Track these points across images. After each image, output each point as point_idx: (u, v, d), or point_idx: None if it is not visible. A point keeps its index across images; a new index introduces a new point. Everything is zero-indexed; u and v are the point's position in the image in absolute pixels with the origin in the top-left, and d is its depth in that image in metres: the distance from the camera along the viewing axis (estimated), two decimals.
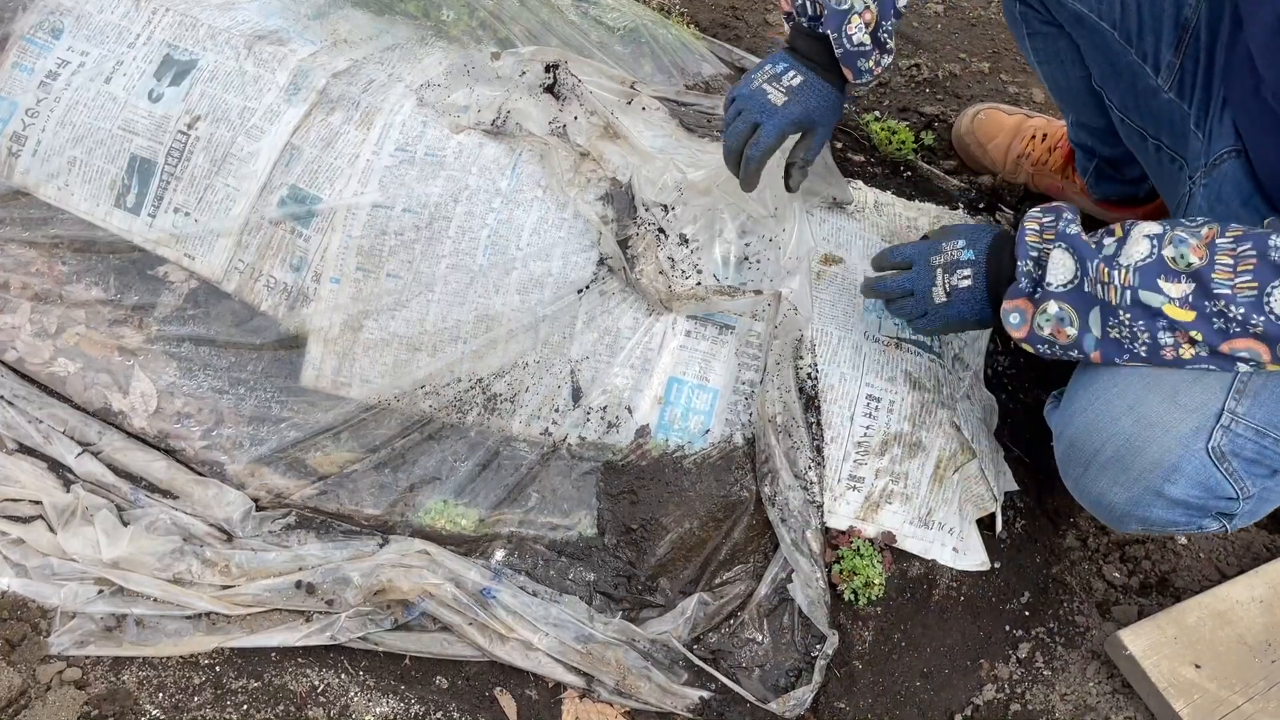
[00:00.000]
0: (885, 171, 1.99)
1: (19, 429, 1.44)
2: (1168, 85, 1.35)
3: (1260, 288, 1.05)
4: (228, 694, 1.32)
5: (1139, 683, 1.43)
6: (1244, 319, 1.06)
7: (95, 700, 1.29)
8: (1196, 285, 1.08)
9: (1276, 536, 1.65)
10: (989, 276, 1.29)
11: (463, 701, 1.35)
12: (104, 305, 1.51)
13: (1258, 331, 1.07)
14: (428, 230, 1.50)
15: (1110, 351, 1.18)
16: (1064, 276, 1.18)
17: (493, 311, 1.50)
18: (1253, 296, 1.05)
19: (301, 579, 1.35)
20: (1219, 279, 1.07)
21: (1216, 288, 1.07)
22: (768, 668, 1.39)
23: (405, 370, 1.49)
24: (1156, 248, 1.11)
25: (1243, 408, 1.20)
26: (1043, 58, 1.61)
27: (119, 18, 1.57)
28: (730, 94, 1.44)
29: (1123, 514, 1.26)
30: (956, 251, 1.33)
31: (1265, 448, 1.21)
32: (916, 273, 1.37)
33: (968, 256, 1.31)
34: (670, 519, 1.45)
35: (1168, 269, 1.10)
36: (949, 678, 1.47)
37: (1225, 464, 1.20)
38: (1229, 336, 1.09)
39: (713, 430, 1.49)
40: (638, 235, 1.49)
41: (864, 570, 1.45)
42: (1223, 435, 1.19)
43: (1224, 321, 1.08)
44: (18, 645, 1.33)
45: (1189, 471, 1.20)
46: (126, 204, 1.52)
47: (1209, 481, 1.20)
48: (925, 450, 1.53)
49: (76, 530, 1.37)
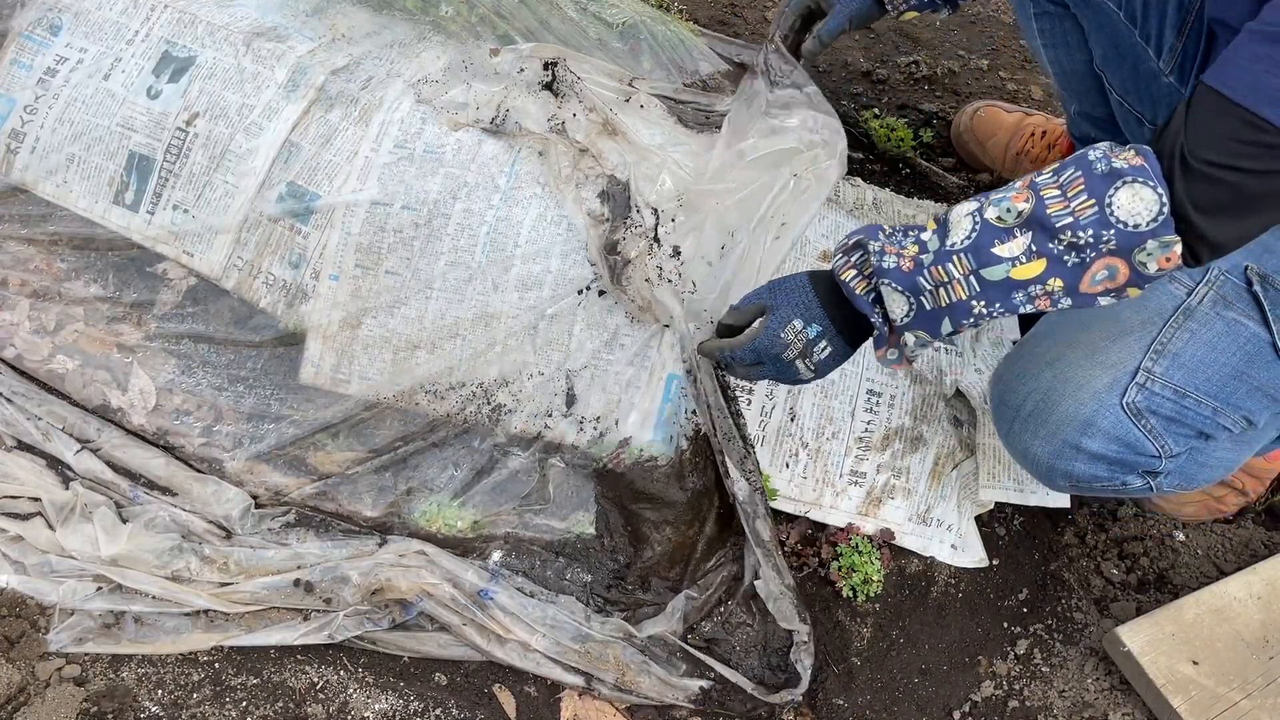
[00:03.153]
0: (884, 169, 1.99)
1: (18, 426, 1.44)
2: (1168, 69, 1.36)
3: (1099, 201, 1.01)
4: (227, 691, 1.32)
5: (1137, 679, 1.44)
6: (1095, 239, 1.01)
7: (94, 697, 1.30)
8: (1035, 230, 1.04)
9: (1274, 534, 1.66)
10: (842, 333, 1.23)
11: (461, 698, 1.35)
12: (103, 302, 1.51)
13: (1111, 248, 1.02)
14: (427, 228, 1.50)
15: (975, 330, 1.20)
16: (902, 310, 1.13)
17: (492, 309, 1.50)
18: (1094, 214, 1.01)
19: (300, 577, 1.35)
20: (1055, 212, 1.02)
21: (1057, 220, 1.02)
22: (763, 648, 1.39)
23: (404, 368, 1.49)
24: (979, 217, 1.07)
25: (1160, 367, 1.23)
26: (1048, 40, 1.62)
27: (117, 14, 1.57)
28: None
29: (1048, 468, 1.29)
30: (800, 335, 1.22)
31: (1186, 408, 1.23)
32: (774, 369, 1.26)
33: (815, 332, 1.22)
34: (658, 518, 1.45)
35: (998, 230, 1.05)
36: (947, 674, 1.47)
37: (1143, 421, 1.23)
38: (1085, 266, 1.03)
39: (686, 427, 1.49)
40: (627, 240, 1.48)
41: (863, 567, 1.46)
42: (1138, 392, 1.22)
43: (1077, 253, 1.03)
44: (17, 642, 1.33)
45: (1104, 426, 1.23)
46: (125, 201, 1.52)
47: (1126, 437, 1.23)
48: (926, 444, 1.53)
49: (75, 527, 1.37)
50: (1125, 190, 1.00)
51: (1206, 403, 1.24)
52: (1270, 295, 1.22)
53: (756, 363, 1.26)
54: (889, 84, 2.22)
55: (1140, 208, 0.99)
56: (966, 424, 1.57)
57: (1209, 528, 1.65)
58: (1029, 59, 2.35)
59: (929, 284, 1.09)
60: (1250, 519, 1.68)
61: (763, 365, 1.25)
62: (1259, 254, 1.24)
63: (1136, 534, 1.63)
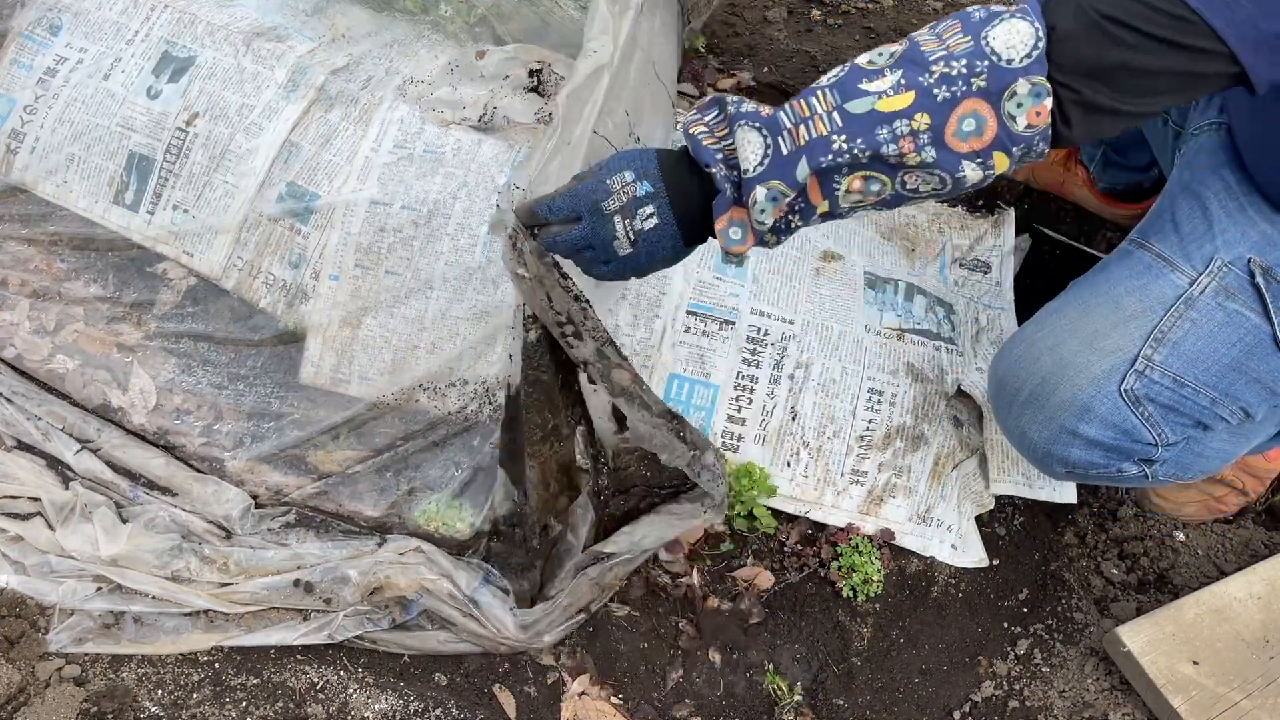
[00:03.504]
0: None
1: (18, 426, 1.44)
2: None
3: (974, 36, 0.96)
4: (227, 691, 1.32)
5: (1137, 679, 1.44)
6: (968, 69, 0.96)
7: (94, 697, 1.29)
8: (906, 66, 0.98)
9: (1275, 534, 1.66)
10: (675, 204, 1.07)
11: (462, 698, 1.35)
12: (102, 302, 1.51)
13: (980, 85, 0.96)
14: (426, 227, 1.50)
15: (825, 182, 1.03)
16: (757, 154, 1.01)
17: (491, 308, 1.50)
18: (969, 46, 0.96)
19: (300, 577, 1.35)
20: (928, 49, 0.98)
21: (931, 55, 0.97)
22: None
23: (404, 367, 1.49)
24: (850, 61, 1.01)
25: (1159, 355, 1.23)
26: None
27: (117, 14, 1.57)
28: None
29: (1044, 453, 1.30)
30: (628, 188, 1.06)
31: (1185, 397, 1.24)
32: (590, 224, 1.08)
33: (644, 190, 1.06)
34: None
35: (867, 71, 0.99)
36: (947, 674, 1.47)
37: (1140, 408, 1.23)
38: (955, 103, 0.96)
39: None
40: None
41: (863, 567, 1.46)
42: (1136, 379, 1.23)
43: (948, 86, 0.96)
44: (17, 642, 1.33)
45: (1101, 412, 1.23)
46: (125, 201, 1.52)
47: (1124, 424, 1.24)
48: (927, 443, 1.54)
49: (75, 527, 1.37)
50: (1003, 25, 0.96)
51: (1205, 392, 1.24)
52: (1272, 288, 1.22)
53: (574, 217, 1.08)
54: None
55: (1016, 40, 0.95)
56: (967, 424, 1.57)
57: (1209, 528, 1.65)
58: None
59: (789, 120, 1.01)
60: (1250, 519, 1.68)
61: (580, 221, 1.08)
62: (1262, 247, 1.24)
63: (1136, 534, 1.63)
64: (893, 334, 1.58)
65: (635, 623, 1.43)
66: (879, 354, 1.57)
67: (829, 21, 2.36)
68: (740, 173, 1.02)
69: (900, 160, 0.99)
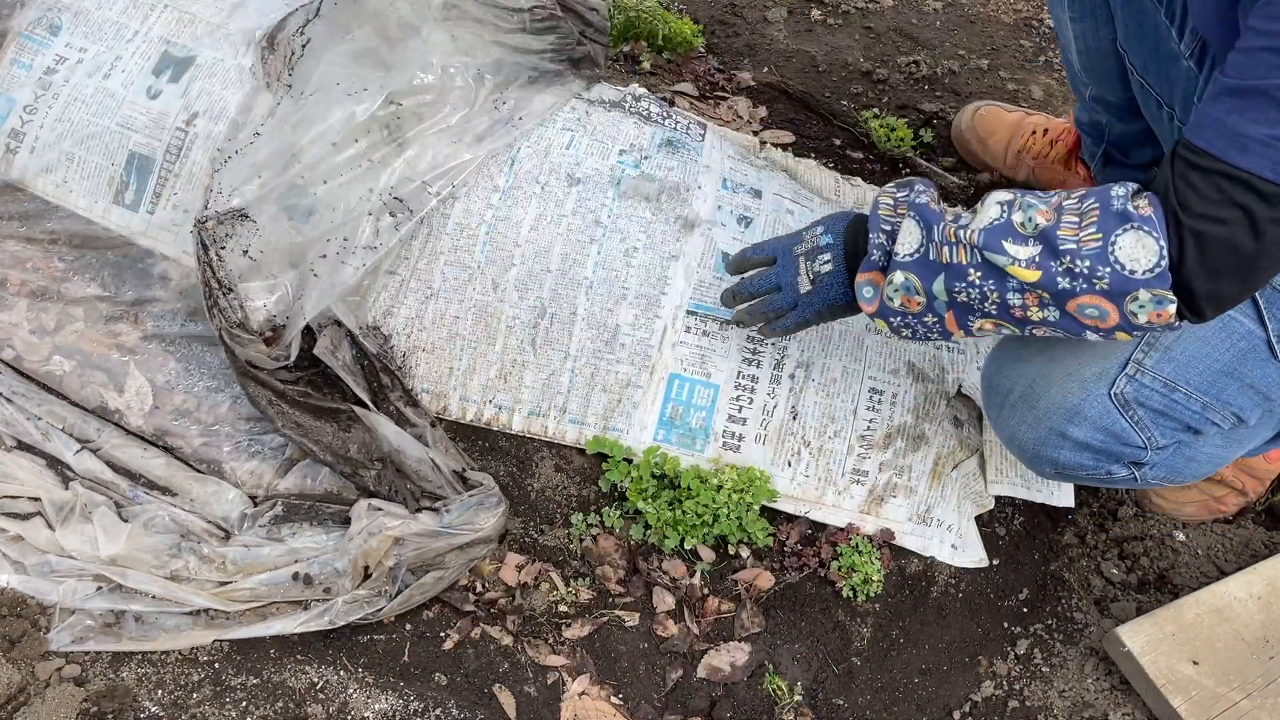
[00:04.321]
0: (884, 168, 1.99)
1: (17, 426, 1.43)
2: (1188, 53, 1.35)
3: (1104, 238, 1.02)
4: (227, 690, 1.32)
5: (1137, 679, 1.44)
6: (1090, 271, 1.03)
7: (94, 697, 1.29)
8: (1043, 246, 1.06)
9: (1275, 534, 1.66)
10: (848, 258, 1.29)
11: (461, 698, 1.35)
12: (101, 302, 1.51)
13: (1103, 286, 1.03)
14: (426, 227, 1.50)
15: (961, 315, 1.17)
16: (911, 245, 1.17)
17: (491, 308, 1.50)
18: (1098, 247, 1.03)
19: (299, 570, 1.35)
20: (1064, 235, 1.04)
21: (1062, 244, 1.04)
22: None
23: (403, 368, 1.49)
24: (1006, 213, 1.10)
25: (1150, 360, 1.23)
26: (1077, 14, 1.60)
27: (117, 14, 1.57)
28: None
29: (1033, 454, 1.30)
30: (816, 238, 1.31)
31: (1175, 402, 1.23)
32: (781, 265, 1.34)
33: (826, 241, 1.30)
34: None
35: (1015, 232, 1.08)
36: (947, 674, 1.47)
37: (1130, 411, 1.23)
38: (1074, 295, 1.06)
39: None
40: None
41: (863, 567, 1.46)
42: (1126, 383, 1.23)
43: (1070, 280, 1.05)
44: (17, 642, 1.32)
45: (1091, 415, 1.23)
46: (125, 201, 1.52)
47: (1113, 427, 1.24)
48: (928, 443, 1.53)
49: (75, 527, 1.37)
50: (1131, 234, 1.01)
51: (1196, 397, 1.24)
52: (1267, 294, 1.22)
53: (771, 259, 1.36)
54: (889, 84, 2.22)
55: (1141, 254, 1.01)
56: (967, 423, 1.57)
57: (1209, 528, 1.65)
58: (1029, 59, 2.35)
59: (938, 236, 1.13)
60: (1250, 519, 1.68)
61: (775, 262, 1.35)
62: None
63: (1136, 534, 1.63)
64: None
65: (635, 623, 1.43)
66: (880, 353, 1.57)
67: (829, 21, 2.36)
68: (894, 252, 1.18)
69: (1025, 315, 1.11)
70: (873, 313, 1.25)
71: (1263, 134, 0.95)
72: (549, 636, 1.41)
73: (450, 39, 1.52)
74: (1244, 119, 0.96)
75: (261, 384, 1.40)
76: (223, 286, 1.39)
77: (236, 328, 1.38)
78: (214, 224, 1.39)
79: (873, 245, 1.22)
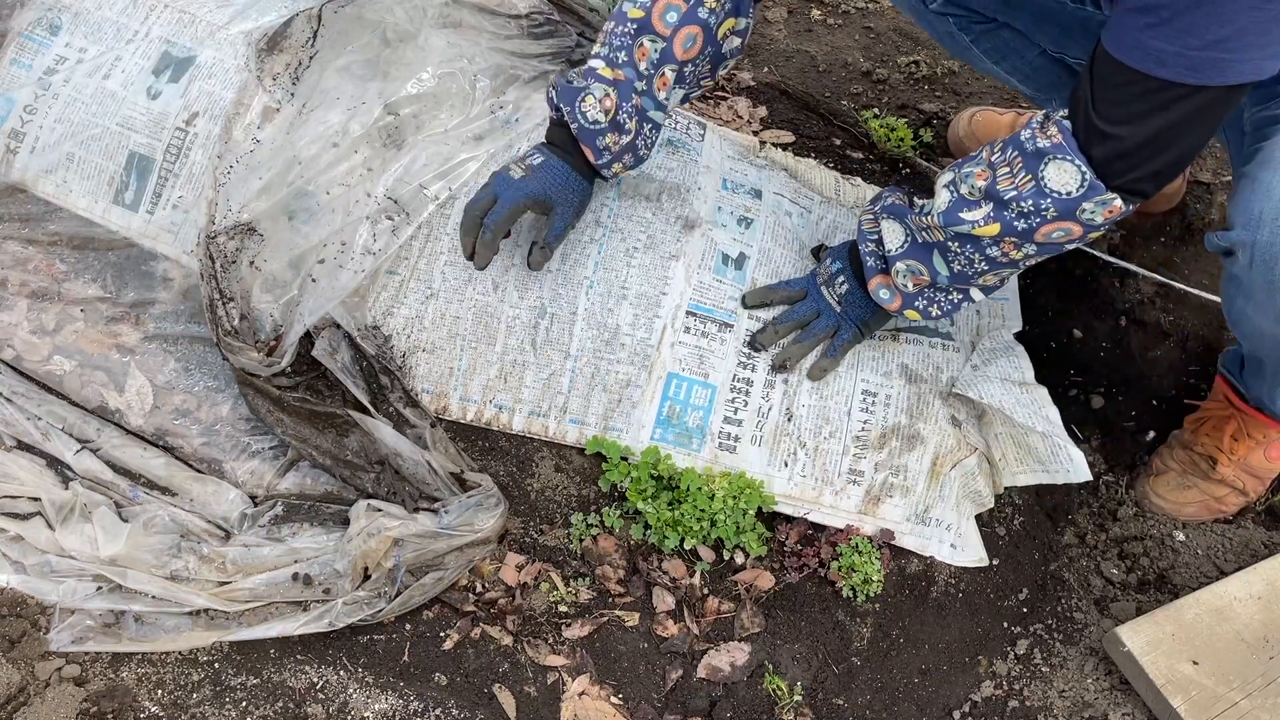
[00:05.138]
0: (884, 169, 1.99)
1: (17, 426, 1.44)
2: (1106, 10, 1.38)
3: (1033, 177, 1.17)
4: (227, 691, 1.32)
5: (1137, 679, 1.44)
6: (1036, 208, 1.18)
7: (94, 697, 1.29)
8: (993, 202, 1.22)
9: (1275, 534, 1.66)
10: (856, 275, 1.47)
11: (461, 698, 1.35)
12: (102, 302, 1.51)
13: (1053, 214, 1.18)
14: (426, 226, 1.50)
15: (962, 280, 1.34)
16: (898, 240, 1.37)
17: (491, 308, 1.50)
18: (1032, 187, 1.18)
19: (299, 570, 1.35)
20: (1003, 187, 1.20)
21: (1005, 194, 1.20)
22: None
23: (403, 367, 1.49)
24: (954, 191, 1.26)
25: None
26: (995, 56, 1.65)
27: (117, 14, 1.57)
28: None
29: None
30: (828, 269, 1.51)
31: None
32: (812, 297, 1.53)
33: (837, 267, 1.50)
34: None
35: (967, 202, 1.25)
36: (947, 674, 1.47)
37: None
38: (1035, 229, 1.21)
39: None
40: None
41: (862, 567, 1.46)
42: None
43: (1025, 220, 1.20)
44: (17, 642, 1.33)
45: None
46: (125, 201, 1.52)
47: None
48: (924, 442, 1.53)
49: (75, 527, 1.37)
50: (1052, 166, 1.16)
51: None
52: None
53: (803, 293, 1.54)
54: (889, 84, 2.22)
55: (1066, 179, 1.16)
56: (965, 423, 1.57)
57: (1209, 527, 1.65)
58: None
59: (913, 224, 1.33)
60: (1250, 519, 1.68)
61: (808, 296, 1.53)
62: None
63: (1136, 534, 1.63)
64: (887, 335, 1.58)
65: (635, 623, 1.43)
66: (872, 356, 1.57)
67: (829, 21, 2.36)
68: (885, 251, 1.38)
69: (1010, 258, 1.28)
70: (899, 307, 1.42)
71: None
72: (549, 636, 1.41)
73: (448, 45, 1.53)
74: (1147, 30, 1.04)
75: (259, 391, 1.41)
76: (223, 296, 1.40)
77: (230, 335, 1.39)
78: (224, 239, 1.40)
79: (865, 255, 1.42)
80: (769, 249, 1.61)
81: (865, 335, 1.52)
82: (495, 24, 1.57)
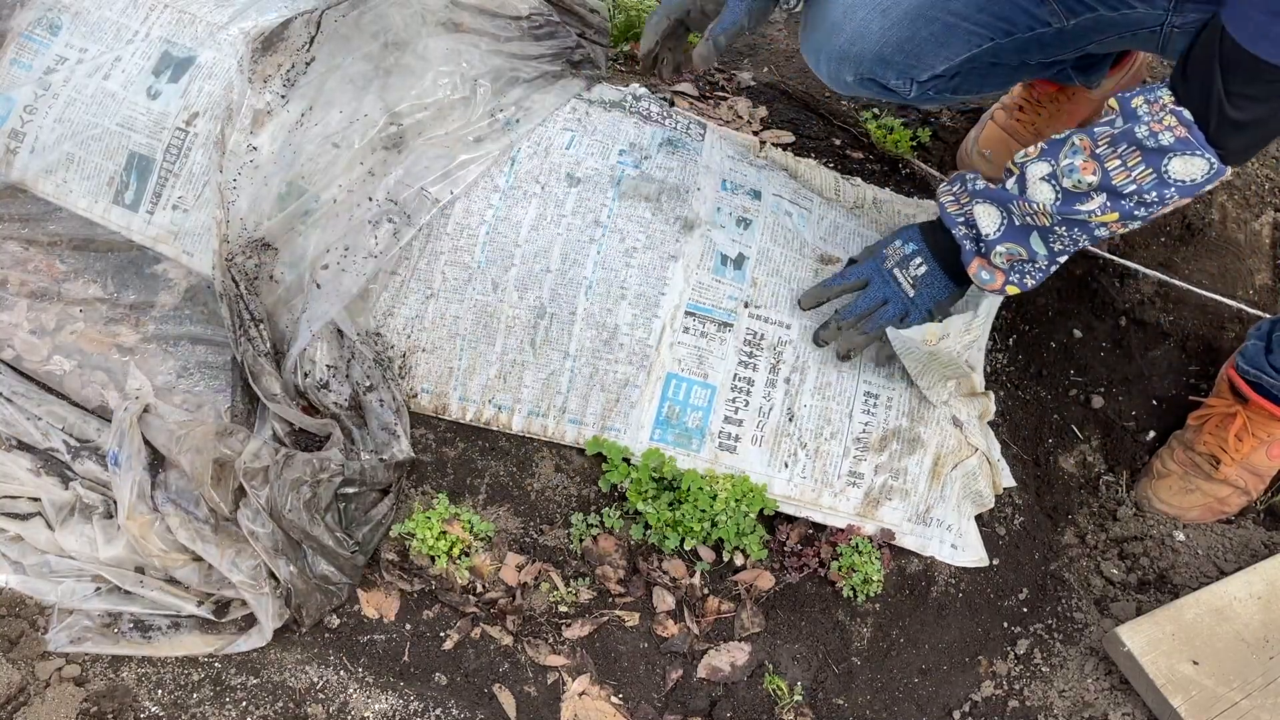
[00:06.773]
0: (884, 169, 1.99)
1: (17, 426, 1.44)
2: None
3: (1155, 172, 1.19)
4: (227, 691, 1.32)
5: (1137, 679, 1.44)
6: (1160, 197, 1.20)
7: (94, 697, 1.29)
8: (1108, 194, 1.23)
9: (1275, 534, 1.66)
10: (936, 256, 1.44)
11: (461, 698, 1.35)
12: (101, 303, 1.51)
13: (1177, 200, 1.21)
14: (426, 227, 1.50)
15: (1061, 254, 1.34)
16: (994, 224, 1.34)
17: (491, 308, 1.50)
18: (1154, 180, 1.19)
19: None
20: (1119, 181, 1.21)
21: (1123, 188, 1.21)
22: None
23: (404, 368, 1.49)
24: (1057, 184, 1.26)
25: None
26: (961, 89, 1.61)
27: (117, 14, 1.57)
28: None
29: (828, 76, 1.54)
30: (900, 250, 1.47)
31: None
32: (877, 284, 1.49)
33: (912, 249, 1.46)
34: None
35: (1077, 195, 1.25)
36: (947, 674, 1.47)
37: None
38: (1154, 212, 1.23)
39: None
40: None
41: (862, 567, 1.46)
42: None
43: (1146, 208, 1.22)
44: (17, 642, 1.33)
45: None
46: (125, 201, 1.52)
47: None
48: (924, 445, 1.53)
49: (74, 528, 1.37)
50: (1177, 160, 1.17)
51: None
52: None
53: (864, 282, 1.49)
54: None
55: (1194, 170, 1.17)
56: (966, 424, 1.57)
57: (1209, 527, 1.65)
58: None
59: (1015, 210, 1.31)
60: (1250, 519, 1.68)
61: (870, 284, 1.49)
62: None
63: (1136, 534, 1.63)
64: None
65: (635, 623, 1.43)
66: (874, 358, 1.57)
67: None
68: (981, 236, 1.36)
69: (1111, 233, 1.31)
70: (999, 285, 1.39)
71: None
72: (549, 636, 1.41)
73: (448, 50, 1.53)
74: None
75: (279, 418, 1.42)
76: (253, 317, 1.40)
77: (264, 357, 1.40)
78: (242, 259, 1.41)
79: (960, 239, 1.38)
80: (768, 249, 1.61)
81: (936, 317, 1.48)
82: (496, 26, 1.57)
